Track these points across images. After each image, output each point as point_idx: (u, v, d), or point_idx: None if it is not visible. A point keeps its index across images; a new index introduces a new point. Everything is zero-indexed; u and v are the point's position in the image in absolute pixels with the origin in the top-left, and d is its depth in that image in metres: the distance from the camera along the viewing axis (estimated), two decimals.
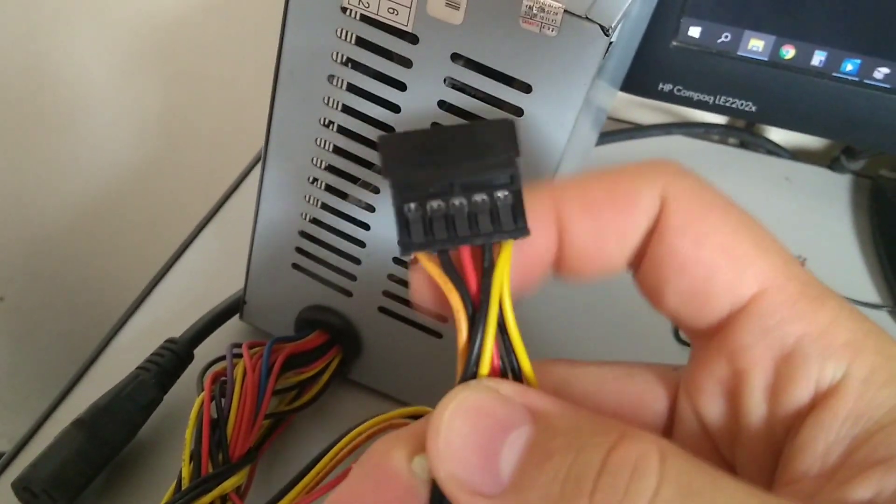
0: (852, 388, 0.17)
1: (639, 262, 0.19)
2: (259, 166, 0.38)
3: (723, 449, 0.20)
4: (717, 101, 0.53)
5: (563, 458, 0.15)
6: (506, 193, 0.18)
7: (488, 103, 0.32)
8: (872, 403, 0.17)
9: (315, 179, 0.37)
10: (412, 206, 0.18)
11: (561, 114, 0.31)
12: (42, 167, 0.80)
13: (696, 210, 0.18)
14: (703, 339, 0.19)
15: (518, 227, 0.18)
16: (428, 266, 0.18)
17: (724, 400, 0.19)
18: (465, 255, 0.18)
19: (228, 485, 0.33)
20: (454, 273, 0.18)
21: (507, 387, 0.17)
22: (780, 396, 0.18)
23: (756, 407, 0.18)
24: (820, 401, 0.17)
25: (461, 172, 0.18)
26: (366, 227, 0.37)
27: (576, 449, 0.15)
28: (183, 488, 0.34)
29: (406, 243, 0.18)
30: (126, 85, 0.80)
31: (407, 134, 0.18)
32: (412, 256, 0.18)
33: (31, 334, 0.84)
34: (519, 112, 0.31)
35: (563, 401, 0.17)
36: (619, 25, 0.29)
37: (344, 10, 0.32)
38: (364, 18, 0.32)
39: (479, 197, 0.18)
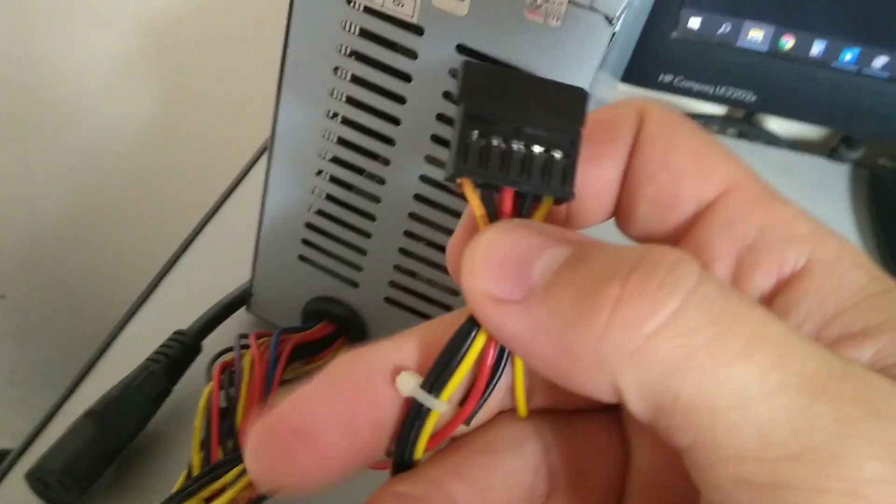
0: (819, 270, 0.17)
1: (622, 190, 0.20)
2: (264, 158, 0.38)
3: None
4: (716, 92, 0.53)
5: (599, 257, 0.15)
6: (562, 155, 0.18)
7: None
8: (842, 283, 0.17)
9: (321, 171, 0.37)
10: (475, 133, 0.18)
11: None
12: (43, 164, 0.80)
13: (668, 123, 0.19)
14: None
15: (564, 190, 0.18)
16: (469, 194, 0.18)
17: None
18: (508, 196, 0.18)
19: (238, 471, 0.34)
20: (492, 208, 0.18)
21: (542, 225, 0.17)
22: (743, 284, 0.18)
23: None
24: (785, 284, 0.17)
25: (530, 120, 0.18)
26: (371, 217, 0.38)
27: (613, 253, 0.15)
28: (194, 475, 0.34)
29: (459, 166, 0.18)
30: (126, 81, 0.80)
31: (492, 68, 0.18)
32: (460, 181, 0.18)
33: (32, 332, 0.84)
34: None
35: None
36: (623, 15, 0.30)
37: (349, 1, 0.32)
38: (369, 10, 0.32)
39: (538, 149, 0.18)
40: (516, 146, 0.18)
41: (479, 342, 0.18)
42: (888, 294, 0.17)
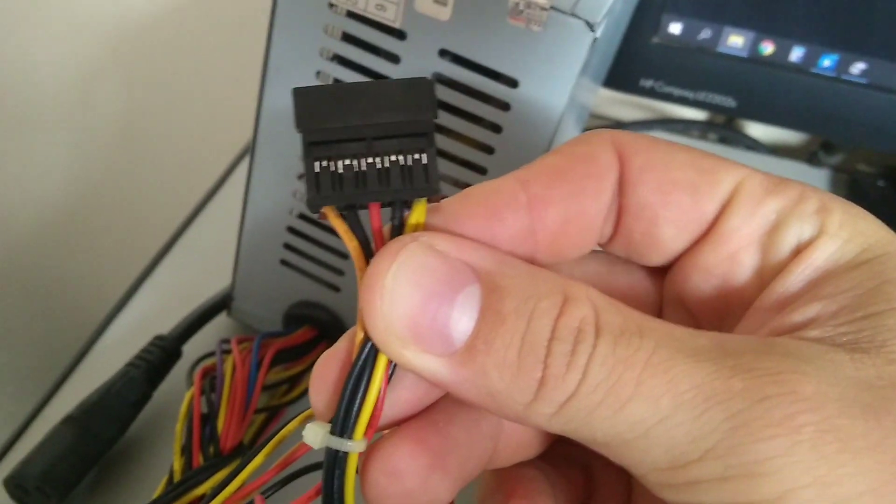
0: (820, 241, 0.19)
1: (615, 222, 0.21)
2: (245, 162, 0.38)
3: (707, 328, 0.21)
4: (697, 97, 0.54)
5: (517, 323, 0.17)
6: (420, 153, 0.18)
7: (476, 98, 0.32)
8: (835, 255, 0.19)
9: (303, 175, 0.37)
10: (323, 161, 0.17)
11: (547, 108, 0.31)
12: (17, 167, 0.80)
13: (650, 149, 0.20)
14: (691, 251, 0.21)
15: (430, 186, 0.18)
16: (335, 222, 0.18)
17: (712, 284, 0.20)
18: (374, 211, 0.18)
19: (220, 476, 0.34)
20: (360, 230, 0.18)
21: (442, 242, 0.18)
22: (769, 264, 0.19)
23: (749, 284, 0.20)
24: (798, 253, 0.19)
25: (376, 129, 0.17)
26: None
27: (527, 315, 0.17)
28: (175, 481, 0.34)
29: (314, 198, 0.17)
30: (104, 82, 0.79)
31: (324, 87, 0.18)
32: (320, 212, 0.18)
33: (9, 337, 0.83)
34: (506, 107, 0.32)
35: (495, 251, 0.18)
36: (604, 21, 0.30)
37: (331, 6, 0.32)
38: (351, 14, 0.32)
39: (393, 155, 0.18)
40: (370, 158, 0.17)
41: (381, 367, 0.17)
42: (865, 265, 0.18)
